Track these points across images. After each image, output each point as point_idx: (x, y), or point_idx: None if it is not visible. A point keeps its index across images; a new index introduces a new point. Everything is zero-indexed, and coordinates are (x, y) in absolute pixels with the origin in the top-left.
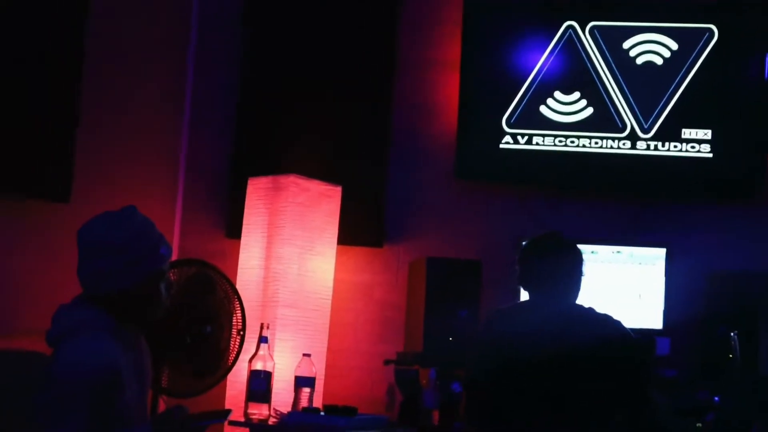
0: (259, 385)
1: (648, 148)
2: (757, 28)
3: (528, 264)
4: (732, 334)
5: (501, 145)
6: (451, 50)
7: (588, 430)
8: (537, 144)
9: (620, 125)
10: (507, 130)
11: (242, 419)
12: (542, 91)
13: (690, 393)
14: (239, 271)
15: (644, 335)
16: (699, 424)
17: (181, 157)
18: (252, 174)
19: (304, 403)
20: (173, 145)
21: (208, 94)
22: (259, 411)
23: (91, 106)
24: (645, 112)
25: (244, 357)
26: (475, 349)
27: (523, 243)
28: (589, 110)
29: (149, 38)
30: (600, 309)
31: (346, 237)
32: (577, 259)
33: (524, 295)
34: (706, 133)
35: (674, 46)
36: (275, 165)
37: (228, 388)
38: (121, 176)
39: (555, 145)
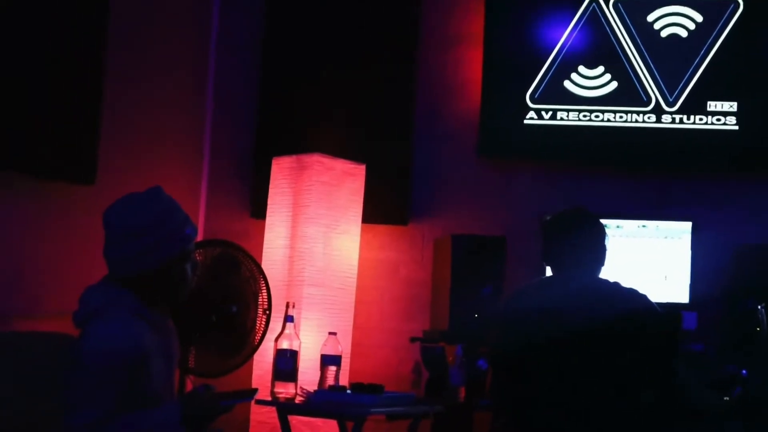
0: (286, 364)
1: (673, 121)
2: None
3: (551, 240)
4: (759, 307)
5: (525, 121)
6: (475, 26)
7: (615, 405)
8: (561, 119)
9: (645, 99)
10: (531, 105)
11: (269, 398)
12: (566, 66)
13: (718, 366)
14: (264, 250)
15: (670, 309)
16: (726, 398)
17: (205, 137)
18: (276, 153)
19: (330, 381)
20: (197, 126)
21: (231, 73)
22: (285, 390)
23: (115, 87)
24: (670, 85)
25: (270, 336)
26: (499, 326)
27: (547, 218)
28: (614, 84)
29: (172, 18)
30: (626, 283)
31: (371, 215)
32: (600, 234)
33: (548, 271)
34: (731, 106)
35: (699, 18)
36: (299, 144)
37: (254, 367)
38: (145, 158)
39: (579, 120)
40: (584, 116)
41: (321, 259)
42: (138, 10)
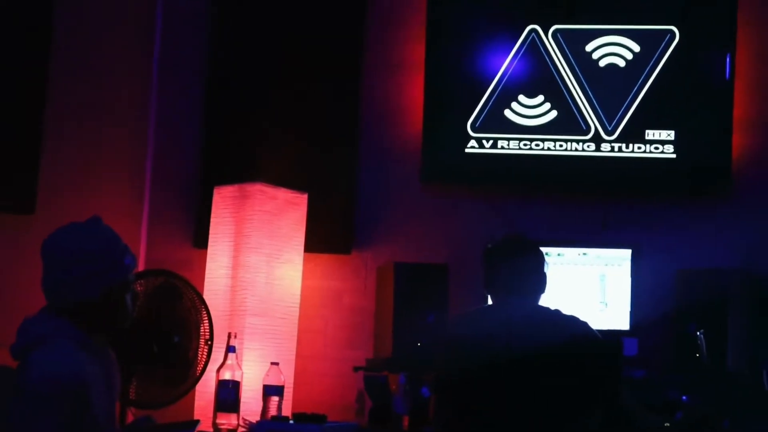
0: (228, 394)
1: (612, 149)
2: (718, 29)
3: (491, 267)
4: (698, 332)
5: (466, 150)
6: (417, 54)
7: (560, 430)
8: (502, 148)
9: (584, 127)
10: (472, 134)
11: (211, 429)
12: (506, 95)
13: (659, 392)
14: (206, 280)
15: (610, 336)
16: (667, 424)
17: (146, 166)
18: (219, 183)
19: (273, 411)
20: (139, 155)
21: (173, 102)
22: (227, 421)
23: (55, 117)
24: (608, 114)
25: (212, 367)
26: (441, 353)
27: (488, 246)
28: (553, 113)
29: (113, 48)
30: (566, 311)
31: (314, 244)
32: (540, 260)
33: (491, 298)
34: (669, 134)
35: (636, 48)
36: (242, 173)
37: (196, 398)
38: (86, 187)
39: (520, 148)
40: (525, 145)
41: (263, 289)
42: (78, 39)
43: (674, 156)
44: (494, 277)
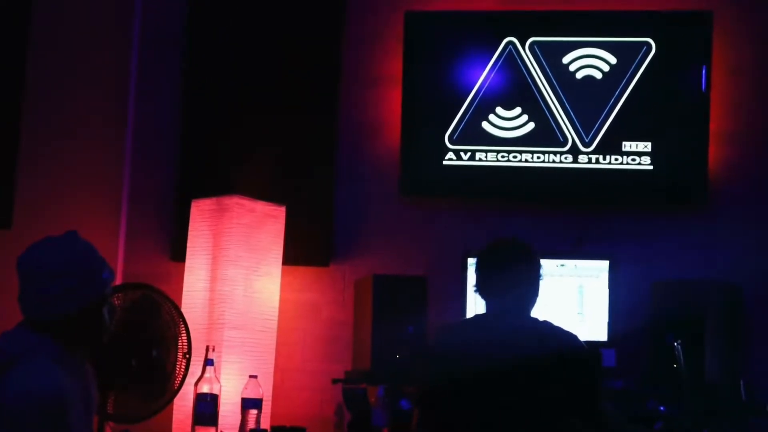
0: (206, 408)
1: (589, 161)
2: (694, 41)
3: (486, 272)
4: (676, 343)
5: (444, 162)
6: (394, 66)
7: None
8: (480, 160)
9: (562, 139)
10: (450, 146)
11: None
12: (484, 107)
13: (638, 403)
14: (184, 293)
15: (589, 347)
16: None
17: (124, 180)
18: (197, 196)
19: (251, 425)
20: (116, 169)
21: (150, 116)
22: None
23: (32, 131)
24: (586, 126)
25: (191, 380)
26: (428, 364)
27: (486, 247)
28: (531, 125)
29: (89, 63)
30: (556, 322)
31: (292, 257)
32: (537, 267)
33: (470, 310)
34: (646, 146)
35: (613, 60)
36: (220, 186)
37: (175, 411)
38: (63, 201)
39: (498, 160)
40: (502, 157)
41: (242, 302)
42: (55, 55)
43: (651, 168)
44: (488, 283)
